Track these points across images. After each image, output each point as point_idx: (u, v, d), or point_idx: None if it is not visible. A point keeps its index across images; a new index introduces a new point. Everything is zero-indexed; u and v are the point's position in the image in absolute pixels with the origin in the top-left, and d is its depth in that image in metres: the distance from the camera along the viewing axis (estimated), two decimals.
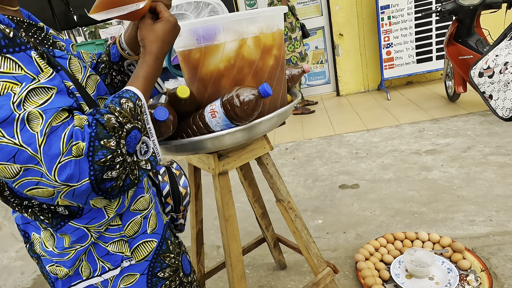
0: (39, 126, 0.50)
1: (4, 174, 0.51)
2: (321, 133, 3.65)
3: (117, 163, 0.56)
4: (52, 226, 0.65)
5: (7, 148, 0.49)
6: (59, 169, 0.51)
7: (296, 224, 1.29)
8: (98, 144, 0.53)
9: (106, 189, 0.57)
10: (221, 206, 1.11)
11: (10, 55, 0.50)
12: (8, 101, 0.48)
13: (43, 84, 0.52)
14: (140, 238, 0.74)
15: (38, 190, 0.52)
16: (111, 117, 0.56)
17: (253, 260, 1.95)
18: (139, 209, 0.74)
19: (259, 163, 1.24)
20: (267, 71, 0.96)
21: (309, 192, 2.58)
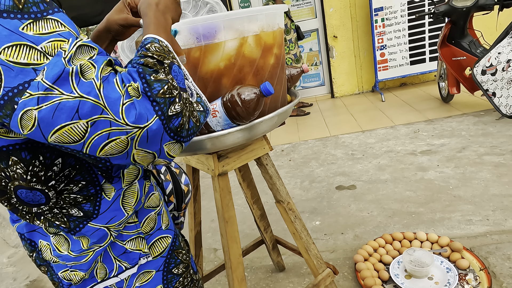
0: (93, 73, 0.48)
1: (73, 138, 0.47)
2: (317, 135, 3.66)
3: (176, 96, 0.53)
4: (70, 230, 0.62)
5: (68, 104, 0.46)
6: (125, 110, 0.48)
7: (296, 225, 1.28)
8: (150, 78, 0.51)
9: (175, 128, 0.53)
10: (220, 207, 1.10)
11: (51, 16, 0.48)
12: (60, 58, 0.46)
13: (86, 42, 0.50)
14: (156, 234, 0.74)
15: (112, 145, 0.49)
16: (147, 59, 0.53)
17: (251, 263, 1.93)
18: (152, 206, 0.74)
19: (258, 164, 1.22)
20: (268, 70, 0.95)
21: (306, 193, 2.57)
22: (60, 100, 0.45)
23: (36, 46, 0.46)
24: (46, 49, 0.46)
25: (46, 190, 0.57)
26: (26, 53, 0.45)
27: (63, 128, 0.46)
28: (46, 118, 0.46)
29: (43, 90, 0.45)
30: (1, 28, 0.44)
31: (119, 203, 0.65)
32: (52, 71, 0.45)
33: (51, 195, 0.58)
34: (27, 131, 0.47)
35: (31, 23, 0.46)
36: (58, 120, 0.46)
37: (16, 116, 0.46)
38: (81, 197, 0.61)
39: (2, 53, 0.44)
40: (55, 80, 0.45)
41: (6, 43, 0.44)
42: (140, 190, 0.69)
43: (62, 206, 0.60)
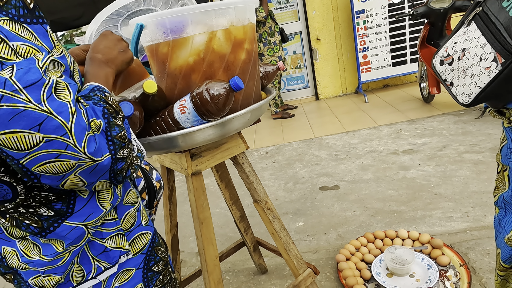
0: (69, 97, 0.49)
1: (19, 145, 0.46)
2: (301, 137, 3.65)
3: (126, 143, 0.57)
4: (42, 230, 0.59)
5: (33, 114, 0.45)
6: (88, 141, 0.49)
7: (274, 225, 1.25)
8: (112, 121, 0.55)
9: (118, 170, 0.56)
10: (195, 208, 1.07)
11: (27, 26, 0.47)
12: (34, 64, 0.45)
13: (57, 58, 0.50)
14: (137, 231, 0.73)
15: (55, 164, 0.48)
16: (107, 105, 0.57)
17: (233, 266, 1.89)
18: (131, 202, 0.73)
19: (234, 163, 1.20)
20: (239, 65, 0.93)
21: (290, 195, 2.56)
22: (26, 108, 0.45)
23: (8, 41, 0.44)
24: (18, 48, 0.45)
25: (15, 184, 0.54)
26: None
27: (14, 133, 0.45)
28: (2, 118, 0.44)
29: (11, 90, 0.44)
30: None
31: (95, 199, 0.62)
32: (27, 75, 0.45)
33: (19, 189, 0.55)
34: None
35: (9, 21, 0.45)
36: (14, 124, 0.45)
37: None
38: (53, 195, 0.58)
39: None
40: (28, 85, 0.45)
41: None
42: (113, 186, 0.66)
43: (30, 205, 0.57)
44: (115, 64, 0.70)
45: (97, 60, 0.67)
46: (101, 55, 0.68)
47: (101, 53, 0.68)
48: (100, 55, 0.68)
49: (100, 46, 0.69)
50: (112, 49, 0.70)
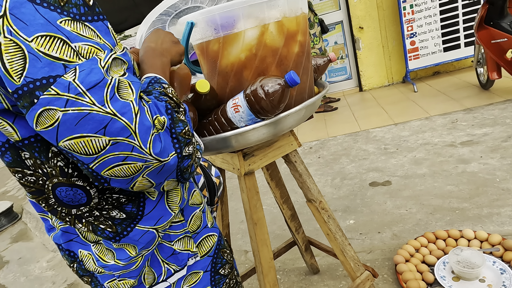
0: (132, 96, 0.46)
1: (87, 150, 0.45)
2: (346, 130, 3.52)
3: (191, 138, 0.54)
4: (116, 234, 0.59)
5: (97, 117, 0.43)
6: (153, 142, 0.47)
7: (329, 225, 1.19)
8: (176, 116, 0.52)
9: (184, 168, 0.54)
10: (248, 209, 1.04)
11: (89, 24, 0.46)
12: (96, 64, 0.44)
13: (119, 56, 0.48)
14: (203, 233, 0.71)
15: (123, 167, 0.47)
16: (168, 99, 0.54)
17: (283, 265, 1.86)
18: (196, 204, 0.71)
19: (286, 161, 1.15)
20: (292, 59, 0.88)
21: (338, 191, 2.47)
22: (90, 111, 0.43)
23: (70, 43, 0.43)
24: (80, 49, 0.44)
25: (88, 187, 0.54)
26: (59, 47, 0.42)
27: (81, 138, 0.44)
28: (69, 123, 0.43)
29: (75, 93, 0.43)
30: (38, 15, 0.42)
31: (164, 202, 0.62)
32: (90, 77, 0.43)
33: (92, 193, 0.55)
34: (41, 129, 0.44)
35: (70, 21, 0.44)
36: (80, 129, 0.43)
37: (34, 111, 0.43)
38: (124, 197, 0.57)
39: (34, 41, 0.42)
40: (91, 86, 0.43)
41: (40, 31, 0.42)
42: (182, 188, 0.66)
43: (103, 208, 0.57)
44: (170, 54, 0.68)
45: (152, 50, 0.65)
46: (155, 44, 0.66)
47: (155, 43, 0.67)
48: (154, 44, 0.66)
49: (153, 38, 0.68)
50: (165, 41, 0.69)
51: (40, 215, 0.63)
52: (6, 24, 0.41)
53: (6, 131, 0.49)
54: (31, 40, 0.42)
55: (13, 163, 0.53)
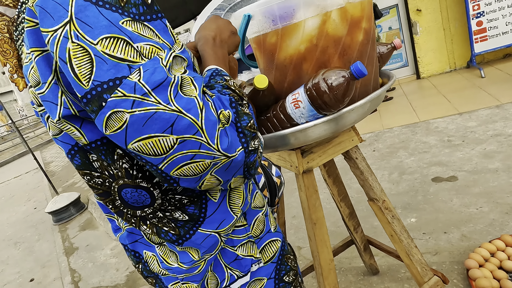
0: (195, 92, 0.45)
1: (155, 150, 0.44)
2: (403, 121, 3.30)
3: (256, 132, 0.52)
4: (179, 237, 0.58)
5: (164, 115, 0.43)
6: (220, 137, 0.46)
7: (394, 226, 1.11)
8: (240, 110, 0.50)
9: (251, 163, 0.51)
10: (307, 207, 0.99)
11: (148, 23, 0.46)
12: (159, 64, 0.44)
13: (179, 54, 0.47)
14: (266, 238, 0.69)
15: (191, 166, 0.46)
16: (231, 92, 0.53)
17: (339, 264, 1.79)
18: (259, 206, 0.69)
19: (346, 158, 1.09)
20: (356, 48, 0.81)
21: (396, 187, 2.32)
22: (156, 110, 0.42)
23: (132, 44, 0.43)
24: (142, 49, 0.43)
25: (151, 188, 0.54)
26: (123, 48, 0.42)
27: (150, 138, 0.43)
28: (136, 124, 0.42)
29: (141, 94, 0.42)
30: (102, 17, 0.42)
31: (226, 204, 0.60)
32: (154, 76, 0.42)
33: (156, 194, 0.55)
34: (110, 132, 0.44)
35: (130, 21, 0.44)
36: (148, 129, 0.43)
37: (103, 114, 0.43)
38: (186, 198, 0.57)
39: (99, 43, 0.41)
40: (155, 86, 0.42)
41: (105, 33, 0.42)
42: (245, 189, 0.63)
43: (166, 209, 0.57)
44: (228, 45, 0.66)
45: (212, 40, 0.63)
46: (214, 33, 0.64)
47: (214, 32, 0.64)
48: (214, 33, 0.64)
49: (212, 26, 0.66)
50: (224, 30, 0.66)
51: (107, 216, 0.65)
52: (73, 29, 0.41)
53: (74, 135, 0.50)
54: (96, 43, 0.41)
55: (82, 166, 0.54)
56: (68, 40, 0.41)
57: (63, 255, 3.17)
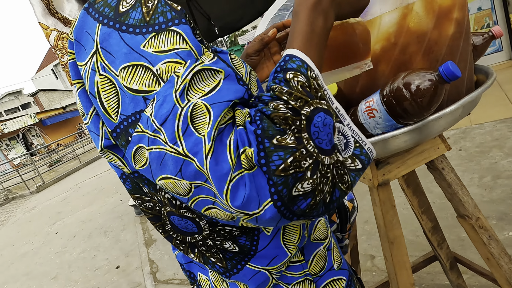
0: (207, 127, 0.36)
1: (177, 190, 0.40)
2: (497, 115, 2.87)
3: (307, 169, 0.37)
4: (226, 271, 0.54)
5: (172, 158, 0.37)
6: (231, 191, 0.36)
7: (491, 248, 0.94)
8: (270, 145, 0.36)
9: (301, 211, 0.38)
10: (382, 225, 0.89)
11: (176, 27, 0.40)
12: (171, 89, 0.37)
13: (208, 65, 0.39)
14: (328, 276, 0.59)
15: (216, 211, 0.40)
16: (278, 105, 0.38)
17: (419, 279, 1.62)
18: (320, 238, 0.60)
19: (430, 168, 0.95)
20: (446, 44, 0.68)
21: (489, 193, 2.02)
22: (165, 151, 0.37)
23: (152, 68, 0.38)
24: (160, 71, 0.38)
25: (197, 219, 0.50)
26: (140, 76, 0.38)
27: (167, 179, 0.39)
28: (155, 163, 0.39)
29: (152, 131, 0.38)
30: (123, 44, 0.39)
31: (279, 239, 0.53)
32: (162, 108, 0.37)
33: (202, 225, 0.51)
34: (139, 167, 0.41)
35: (153, 37, 0.39)
36: (164, 170, 0.39)
37: (130, 149, 0.41)
38: (237, 229, 0.52)
39: (120, 75, 0.39)
40: (163, 121, 0.37)
41: (124, 62, 0.39)
42: (302, 224, 0.55)
43: (215, 238, 0.53)
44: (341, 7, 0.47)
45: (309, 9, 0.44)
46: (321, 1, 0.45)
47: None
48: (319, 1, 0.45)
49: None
50: None
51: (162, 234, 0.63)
52: (100, 60, 0.40)
53: (118, 165, 0.49)
54: (118, 74, 0.39)
55: (133, 190, 0.53)
56: (95, 73, 0.40)
57: (144, 246, 3.44)
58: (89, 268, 3.44)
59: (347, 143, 0.44)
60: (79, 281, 3.26)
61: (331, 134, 0.40)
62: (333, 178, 0.40)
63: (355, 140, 0.45)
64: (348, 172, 0.42)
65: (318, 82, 0.42)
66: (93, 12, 0.41)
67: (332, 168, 0.40)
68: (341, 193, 0.41)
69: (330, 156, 0.39)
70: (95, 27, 0.40)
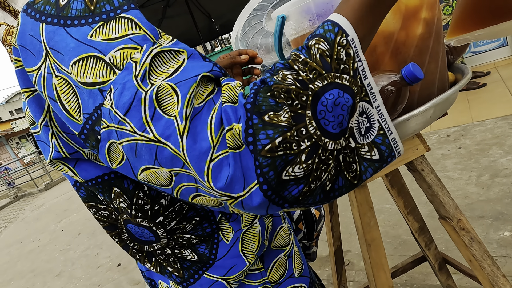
0: (176, 107, 0.34)
1: (160, 181, 0.37)
2: (499, 112, 2.82)
3: (302, 152, 0.32)
4: (183, 281, 0.54)
5: (144, 147, 0.35)
6: (213, 171, 0.33)
7: (472, 250, 0.93)
8: (258, 122, 0.33)
9: (294, 198, 0.34)
10: (360, 227, 0.88)
11: (125, 13, 0.37)
12: (130, 75, 0.35)
13: (168, 47, 0.36)
14: (287, 283, 0.59)
15: (203, 198, 0.37)
16: (287, 75, 0.34)
17: (410, 279, 1.60)
18: (281, 245, 0.59)
19: (410, 169, 0.94)
20: (414, 44, 0.67)
21: (487, 192, 1.99)
22: (135, 141, 0.35)
23: (103, 57, 0.36)
24: (113, 59, 0.35)
25: (154, 228, 0.49)
26: (92, 68, 0.36)
27: (147, 170, 0.36)
28: (131, 156, 0.36)
29: (117, 122, 0.35)
30: (70, 39, 0.36)
31: (238, 248, 0.52)
32: (122, 97, 0.34)
33: (160, 233, 0.50)
34: (116, 165, 0.39)
35: (101, 26, 0.36)
36: (141, 160, 0.36)
37: (102, 148, 0.38)
38: (196, 237, 0.51)
39: (72, 71, 0.36)
40: (126, 110, 0.34)
41: (74, 57, 0.36)
42: (261, 233, 0.54)
43: (174, 247, 0.52)
44: None
45: None
46: None
47: None
48: None
49: None
50: None
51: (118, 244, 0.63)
52: (52, 61, 0.37)
53: (69, 175, 0.48)
54: (70, 71, 0.36)
55: (87, 198, 0.51)
56: (52, 75, 0.38)
57: None
58: (91, 265, 3.49)
59: (369, 128, 0.38)
60: (81, 278, 3.31)
61: (343, 116, 0.35)
62: (337, 166, 0.35)
63: (380, 126, 0.39)
64: (359, 161, 0.37)
65: (349, 51, 0.36)
66: (32, 13, 0.39)
67: (337, 154, 0.35)
68: (345, 182, 0.37)
69: (336, 141, 0.34)
70: (38, 28, 0.38)
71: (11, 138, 20.19)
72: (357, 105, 0.36)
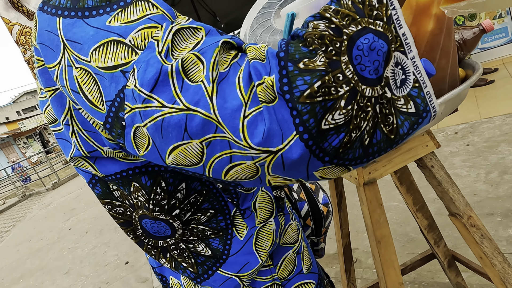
0: (202, 73, 0.33)
1: (190, 160, 0.35)
2: (507, 109, 2.80)
3: (341, 97, 0.31)
4: (197, 276, 0.55)
5: (172, 120, 0.33)
6: (247, 127, 0.32)
7: (483, 247, 0.92)
8: (294, 69, 0.31)
9: (334, 150, 0.32)
10: (370, 224, 0.88)
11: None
12: (153, 52, 0.34)
13: (186, 25, 0.36)
14: (296, 280, 0.59)
15: (237, 169, 0.35)
16: (318, 24, 0.33)
17: (419, 277, 1.60)
18: (290, 242, 0.59)
19: (420, 166, 0.93)
20: (424, 40, 0.67)
21: (495, 189, 1.97)
22: (162, 116, 0.33)
23: (123, 40, 0.35)
24: (134, 41, 0.35)
25: (171, 221, 0.50)
26: (112, 52, 0.35)
27: (175, 149, 0.35)
28: (156, 137, 0.35)
29: (141, 101, 0.34)
30: (89, 28, 0.36)
31: (252, 245, 0.53)
32: (146, 74, 0.33)
33: (176, 225, 0.51)
34: (143, 152, 0.37)
35: (120, 12, 0.36)
36: (169, 139, 0.34)
37: (128, 135, 0.37)
38: (210, 229, 0.52)
39: (92, 59, 0.36)
40: (152, 86, 0.33)
41: (93, 44, 0.36)
42: (276, 231, 0.55)
43: (188, 240, 0.53)
44: None
45: None
46: None
47: None
48: None
49: None
50: None
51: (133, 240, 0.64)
52: (71, 53, 0.37)
53: (88, 170, 0.49)
54: (90, 59, 0.36)
55: (103, 195, 0.52)
56: (72, 67, 0.38)
57: None
58: (99, 263, 3.53)
59: (404, 80, 0.37)
60: (89, 276, 3.34)
61: (379, 62, 0.33)
62: (375, 116, 0.34)
63: (416, 78, 0.37)
64: (395, 113, 0.35)
65: None
66: (48, 9, 0.39)
67: (374, 102, 0.33)
68: (382, 136, 0.35)
69: (373, 88, 0.33)
70: (55, 23, 0.38)
71: (18, 138, 20.47)
72: (392, 53, 0.35)
